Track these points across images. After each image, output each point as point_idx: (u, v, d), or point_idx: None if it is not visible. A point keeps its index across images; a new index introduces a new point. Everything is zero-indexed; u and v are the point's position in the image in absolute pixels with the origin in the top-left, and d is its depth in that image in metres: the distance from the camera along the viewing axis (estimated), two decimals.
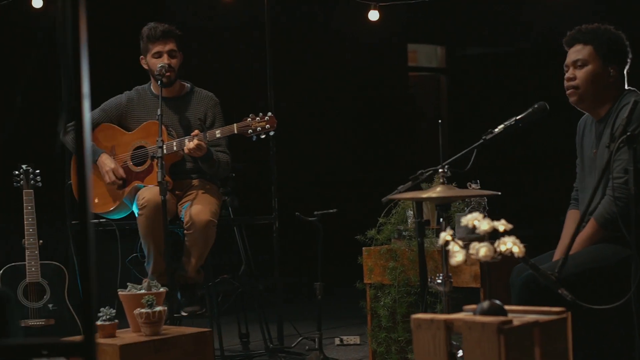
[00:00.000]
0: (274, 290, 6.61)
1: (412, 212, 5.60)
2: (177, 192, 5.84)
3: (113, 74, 7.25)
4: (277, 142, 6.44)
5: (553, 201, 6.89)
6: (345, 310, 7.05)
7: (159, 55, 5.84)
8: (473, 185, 5.54)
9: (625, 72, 4.51)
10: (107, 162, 5.81)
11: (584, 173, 4.55)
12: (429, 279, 4.25)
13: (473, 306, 3.39)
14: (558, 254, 4.50)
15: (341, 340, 6.67)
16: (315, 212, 6.04)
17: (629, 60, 4.51)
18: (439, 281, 4.17)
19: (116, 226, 6.00)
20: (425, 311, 4.36)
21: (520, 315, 3.34)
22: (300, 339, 6.40)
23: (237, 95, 8.48)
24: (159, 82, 5.72)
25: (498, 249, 3.35)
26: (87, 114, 2.04)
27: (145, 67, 5.92)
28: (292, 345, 6.36)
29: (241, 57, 9.94)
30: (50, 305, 5.75)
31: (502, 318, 3.18)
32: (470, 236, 5.35)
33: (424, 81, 14.02)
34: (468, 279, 5.28)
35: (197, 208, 5.61)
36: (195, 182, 5.88)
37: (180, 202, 5.80)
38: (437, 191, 4.05)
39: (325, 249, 6.07)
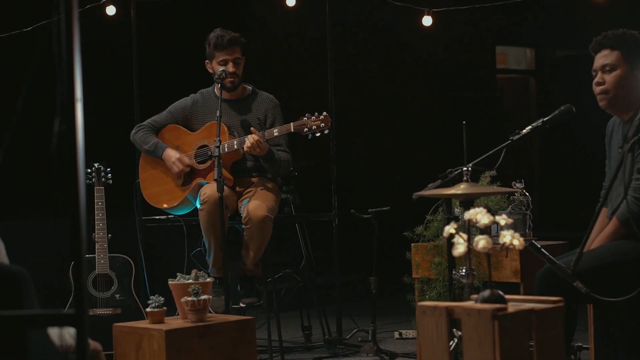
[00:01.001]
0: (333, 285, 6.88)
1: (458, 210, 5.82)
2: (237, 189, 6.15)
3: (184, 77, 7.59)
4: (342, 142, 6.70)
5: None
6: (403, 305, 7.28)
7: (224, 62, 6.15)
8: (517, 185, 5.73)
9: None
10: (171, 154, 6.16)
11: (612, 172, 4.71)
12: (453, 272, 4.47)
13: (477, 296, 3.61)
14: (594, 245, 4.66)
15: (400, 334, 6.90)
16: (370, 210, 6.30)
17: None
18: (462, 273, 4.39)
19: (183, 222, 6.34)
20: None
21: (519, 304, 3.55)
22: (355, 330, 6.66)
23: (306, 96, 8.77)
24: (220, 85, 6.05)
25: (504, 242, 3.57)
26: (79, 117, 2.32)
27: (211, 71, 6.25)
28: (348, 337, 6.61)
29: (307, 59, 10.24)
30: (117, 296, 6.12)
31: (497, 305, 3.40)
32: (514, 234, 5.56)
33: (512, 83, 14.13)
34: (509, 273, 5.47)
35: (255, 204, 5.91)
36: (255, 179, 6.18)
37: (240, 199, 6.11)
38: (461, 188, 4.26)
39: (381, 245, 6.31)
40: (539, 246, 4.19)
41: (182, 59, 7.44)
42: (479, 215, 3.56)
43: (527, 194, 5.70)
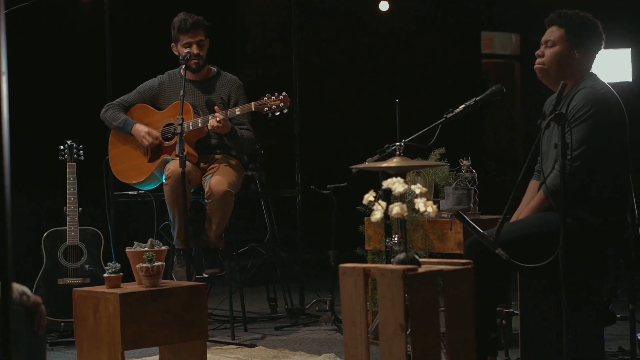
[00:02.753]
0: (296, 261, 7.20)
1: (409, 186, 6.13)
2: (202, 165, 6.46)
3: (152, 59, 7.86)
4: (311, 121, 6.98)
5: None
6: None
7: (188, 45, 6.47)
8: (464, 162, 6.05)
9: (593, 57, 4.91)
10: (140, 129, 6.47)
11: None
12: (387, 240, 4.78)
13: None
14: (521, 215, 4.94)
15: None
16: (328, 186, 6.61)
17: (598, 47, 4.89)
18: (395, 241, 4.70)
19: (153, 197, 6.66)
20: None
21: (431, 266, 3.86)
22: (314, 300, 6.98)
23: (270, 77, 9.04)
24: (184, 65, 6.36)
25: (417, 208, 3.87)
26: (4, 91, 2.45)
27: (176, 53, 6.56)
28: (307, 307, 6.93)
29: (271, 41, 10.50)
30: (87, 266, 6.44)
31: (408, 266, 3.72)
32: (457, 207, 5.89)
33: (497, 68, 14.37)
34: (453, 245, 5.78)
35: (216, 179, 6.22)
36: (219, 156, 6.49)
37: (204, 175, 6.42)
38: (394, 162, 4.55)
39: (341, 219, 6.62)
40: (465, 216, 4.47)
41: (153, 40, 7.72)
42: (396, 184, 3.86)
43: (474, 170, 6.04)
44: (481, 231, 4.46)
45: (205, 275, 6.38)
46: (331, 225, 6.67)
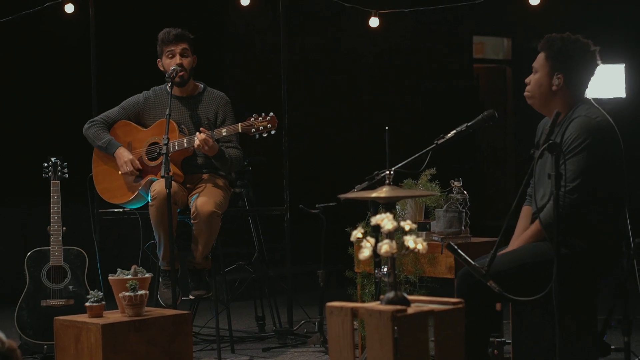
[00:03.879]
0: (284, 277, 7.09)
1: (399, 208, 6.02)
2: (188, 185, 6.33)
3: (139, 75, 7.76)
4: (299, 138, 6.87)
5: None
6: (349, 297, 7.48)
7: (172, 55, 6.34)
8: (456, 183, 5.93)
9: (582, 81, 4.74)
10: (124, 154, 6.33)
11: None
12: (376, 271, 4.67)
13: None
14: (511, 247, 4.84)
15: None
16: (317, 205, 6.50)
17: (586, 70, 4.74)
18: (384, 272, 4.58)
19: (139, 215, 6.53)
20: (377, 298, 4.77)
21: (421, 305, 3.75)
22: (302, 322, 6.87)
23: (261, 94, 8.95)
24: (170, 83, 6.22)
25: (406, 245, 3.76)
26: None
27: (162, 69, 6.43)
28: (295, 329, 6.82)
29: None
30: (70, 287, 6.31)
31: (397, 307, 3.61)
32: (448, 231, 5.78)
33: (489, 73, 14.28)
34: (444, 269, 5.66)
35: (203, 200, 6.09)
36: (205, 176, 6.36)
37: (190, 195, 6.30)
38: (383, 191, 4.43)
39: (332, 238, 6.50)
40: (456, 247, 4.36)
41: (140, 56, 7.61)
42: (385, 221, 3.74)
43: (465, 192, 5.93)
44: (472, 263, 4.35)
45: (191, 297, 6.27)
46: (320, 244, 6.55)
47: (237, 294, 7.24)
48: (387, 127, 5.01)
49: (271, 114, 6.16)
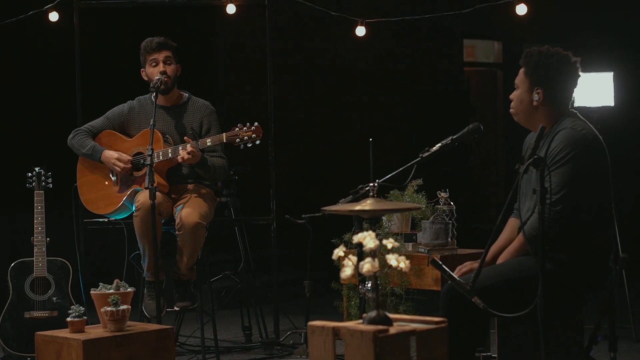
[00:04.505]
0: (271, 286, 7.04)
1: (385, 219, 5.98)
2: (173, 195, 6.28)
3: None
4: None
5: None
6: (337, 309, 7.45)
7: (155, 63, 6.29)
8: (442, 194, 5.89)
9: (564, 94, 4.66)
10: (110, 155, 6.26)
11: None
12: (360, 287, 4.63)
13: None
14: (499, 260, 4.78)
15: None
16: (303, 215, 6.44)
17: (567, 82, 4.64)
18: (368, 288, 4.53)
19: (124, 225, 6.47)
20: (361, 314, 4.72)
21: (404, 324, 3.71)
22: (288, 333, 6.82)
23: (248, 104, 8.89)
24: (154, 93, 6.16)
25: (389, 263, 3.72)
26: None
27: (146, 78, 6.37)
28: (281, 339, 6.77)
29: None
30: (54, 299, 6.26)
31: (379, 327, 3.56)
32: (434, 242, 5.74)
33: (480, 76, 14.26)
34: (430, 282, 5.63)
35: (187, 211, 6.04)
36: (190, 186, 6.30)
37: (175, 205, 6.24)
38: (367, 204, 4.38)
39: (319, 247, 6.45)
40: (440, 263, 4.32)
41: (126, 65, 7.56)
42: (367, 239, 3.70)
43: (452, 203, 5.89)
44: (457, 279, 4.31)
45: (176, 308, 6.22)
46: (306, 254, 6.50)
47: (224, 303, 7.18)
48: (370, 139, 4.96)
49: (256, 123, 6.11)
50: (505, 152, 13.91)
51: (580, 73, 4.71)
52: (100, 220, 6.64)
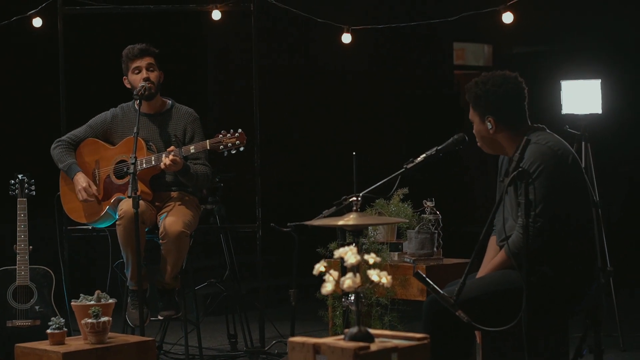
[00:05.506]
0: (257, 294, 6.99)
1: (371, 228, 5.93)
2: (157, 203, 6.22)
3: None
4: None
5: None
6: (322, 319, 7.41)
7: (138, 70, 6.23)
8: (428, 203, 5.85)
9: (514, 111, 4.62)
10: (80, 181, 6.18)
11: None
12: (343, 300, 4.58)
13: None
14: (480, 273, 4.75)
15: None
16: (289, 224, 6.38)
17: (511, 99, 4.60)
18: (351, 300, 4.49)
19: (108, 233, 6.41)
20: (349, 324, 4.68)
21: (386, 340, 3.66)
22: (274, 342, 6.77)
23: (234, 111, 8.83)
24: (138, 100, 6.10)
25: (371, 279, 3.67)
26: None
27: (128, 86, 6.31)
28: (267, 348, 6.72)
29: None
30: (37, 307, 6.20)
31: (360, 344, 3.51)
32: (420, 252, 5.70)
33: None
34: (415, 292, 5.59)
35: (171, 219, 5.99)
36: (174, 194, 6.25)
37: (159, 213, 6.19)
38: (350, 218, 4.33)
39: (305, 255, 6.41)
40: (424, 276, 4.27)
41: (110, 73, 7.51)
42: (348, 254, 3.65)
43: (438, 212, 5.85)
44: (441, 292, 4.27)
45: (160, 317, 6.16)
46: (292, 262, 6.44)
47: (209, 311, 7.12)
48: (354, 153, 4.91)
49: (239, 130, 6.06)
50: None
51: (524, 86, 4.68)
52: (84, 227, 6.58)
